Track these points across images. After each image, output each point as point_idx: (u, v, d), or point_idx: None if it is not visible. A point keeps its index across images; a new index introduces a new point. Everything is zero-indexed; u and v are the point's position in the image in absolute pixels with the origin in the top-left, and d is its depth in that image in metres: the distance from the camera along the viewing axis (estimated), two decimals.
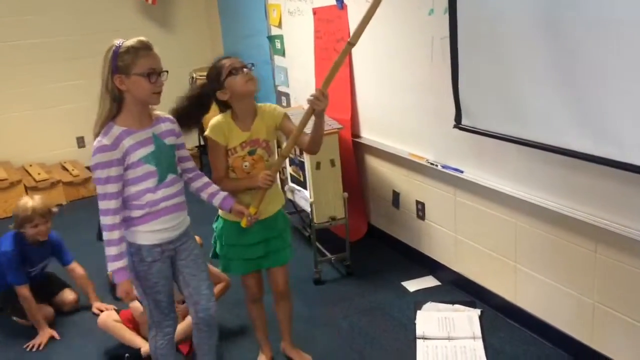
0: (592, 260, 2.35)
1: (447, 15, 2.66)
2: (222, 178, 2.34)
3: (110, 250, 2.05)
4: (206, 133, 2.33)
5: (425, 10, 2.83)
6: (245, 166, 2.33)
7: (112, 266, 2.06)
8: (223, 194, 2.29)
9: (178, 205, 2.18)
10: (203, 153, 5.45)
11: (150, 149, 2.07)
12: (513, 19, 2.24)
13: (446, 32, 2.67)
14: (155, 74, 2.01)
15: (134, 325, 2.87)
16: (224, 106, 2.34)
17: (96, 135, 2.03)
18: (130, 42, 2.00)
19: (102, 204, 2.04)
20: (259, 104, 2.38)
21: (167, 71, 2.07)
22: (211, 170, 2.36)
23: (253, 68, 2.31)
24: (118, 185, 2.04)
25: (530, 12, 2.16)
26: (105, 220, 2.04)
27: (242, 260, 2.42)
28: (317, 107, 2.17)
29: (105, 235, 2.06)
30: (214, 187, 2.30)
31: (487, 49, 2.41)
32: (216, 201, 2.29)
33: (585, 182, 2.24)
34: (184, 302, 2.68)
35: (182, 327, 2.72)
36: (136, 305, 2.78)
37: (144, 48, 2.00)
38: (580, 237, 2.38)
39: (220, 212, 2.42)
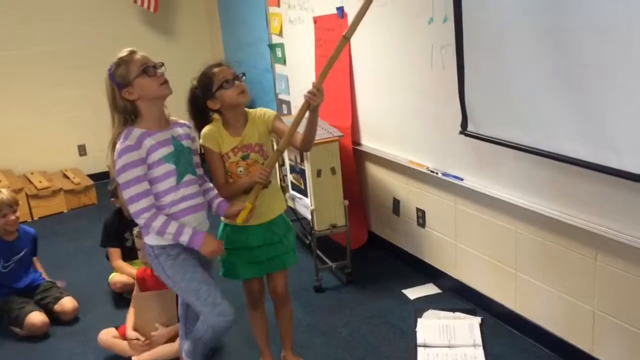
0: (592, 268, 2.35)
1: (446, 24, 2.68)
2: (222, 184, 2.35)
3: (170, 231, 2.10)
4: (200, 142, 2.35)
5: (424, 19, 2.85)
6: (240, 171, 2.34)
7: (183, 239, 2.11)
8: (219, 199, 2.33)
9: (199, 205, 2.24)
10: (203, 161, 5.47)
11: (169, 149, 2.14)
12: (517, 26, 2.26)
13: (446, 40, 2.70)
14: (149, 67, 2.08)
15: None
16: (216, 111, 2.36)
17: (114, 145, 2.09)
18: (116, 57, 2.10)
19: (134, 206, 2.08)
20: (250, 110, 2.39)
21: (162, 63, 2.13)
22: (212, 178, 2.38)
23: (244, 78, 2.32)
24: (147, 184, 2.09)
25: (534, 20, 2.17)
26: (142, 219, 2.08)
27: (245, 264, 2.42)
28: (313, 102, 2.20)
29: (153, 229, 2.10)
30: (211, 194, 2.35)
31: (492, 56, 2.42)
32: (214, 207, 2.34)
33: (585, 189, 2.25)
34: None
35: (164, 349, 2.77)
36: (132, 345, 2.82)
37: (129, 54, 2.10)
38: (580, 244, 2.38)
39: (222, 217, 2.43)
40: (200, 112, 2.34)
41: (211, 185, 2.37)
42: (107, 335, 2.91)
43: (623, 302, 2.26)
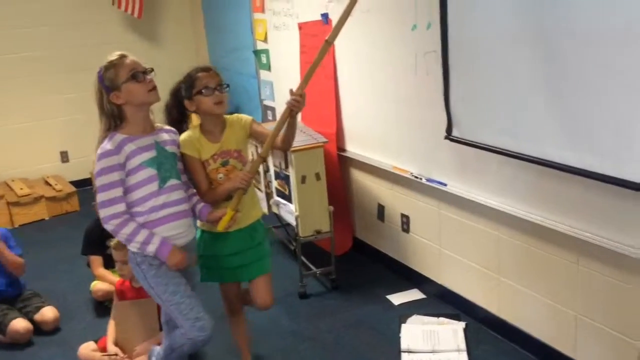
0: (575, 272, 2.37)
1: (430, 31, 2.70)
2: (205, 191, 2.34)
3: (138, 239, 2.08)
4: (180, 150, 2.32)
5: (408, 26, 2.87)
6: (220, 177, 2.34)
7: (150, 249, 2.09)
8: (200, 204, 2.32)
9: (182, 212, 2.21)
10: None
11: (151, 154, 2.13)
12: (502, 32, 2.28)
13: (429, 46, 2.72)
14: (138, 72, 2.07)
15: None
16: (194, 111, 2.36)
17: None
18: (107, 60, 2.10)
19: (104, 212, 2.06)
20: (226, 116, 2.39)
21: (152, 69, 2.13)
22: (194, 186, 2.36)
23: (228, 89, 2.32)
24: (121, 190, 2.07)
25: (520, 26, 2.20)
26: (111, 224, 2.07)
27: (221, 269, 2.42)
28: (296, 108, 2.23)
29: (121, 236, 2.09)
30: (193, 199, 2.33)
31: (478, 61, 2.44)
32: (196, 212, 2.32)
33: (568, 194, 2.26)
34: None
35: None
36: None
37: (119, 58, 2.09)
38: (562, 249, 2.40)
39: (198, 222, 2.42)
40: (178, 104, 2.33)
41: (194, 191, 2.36)
42: (87, 350, 2.87)
43: (605, 306, 2.28)
